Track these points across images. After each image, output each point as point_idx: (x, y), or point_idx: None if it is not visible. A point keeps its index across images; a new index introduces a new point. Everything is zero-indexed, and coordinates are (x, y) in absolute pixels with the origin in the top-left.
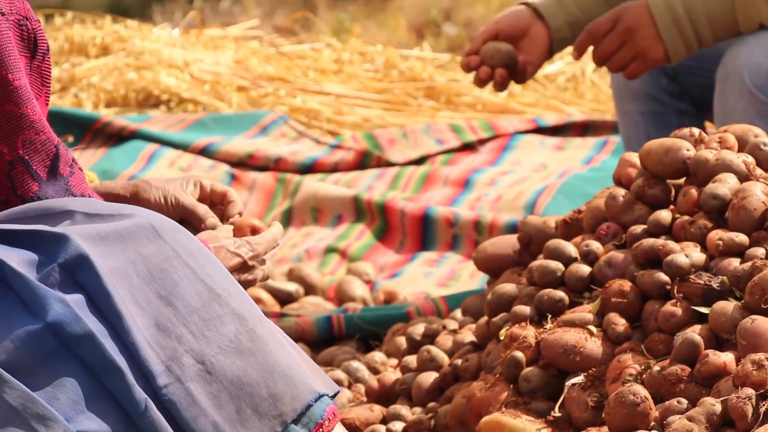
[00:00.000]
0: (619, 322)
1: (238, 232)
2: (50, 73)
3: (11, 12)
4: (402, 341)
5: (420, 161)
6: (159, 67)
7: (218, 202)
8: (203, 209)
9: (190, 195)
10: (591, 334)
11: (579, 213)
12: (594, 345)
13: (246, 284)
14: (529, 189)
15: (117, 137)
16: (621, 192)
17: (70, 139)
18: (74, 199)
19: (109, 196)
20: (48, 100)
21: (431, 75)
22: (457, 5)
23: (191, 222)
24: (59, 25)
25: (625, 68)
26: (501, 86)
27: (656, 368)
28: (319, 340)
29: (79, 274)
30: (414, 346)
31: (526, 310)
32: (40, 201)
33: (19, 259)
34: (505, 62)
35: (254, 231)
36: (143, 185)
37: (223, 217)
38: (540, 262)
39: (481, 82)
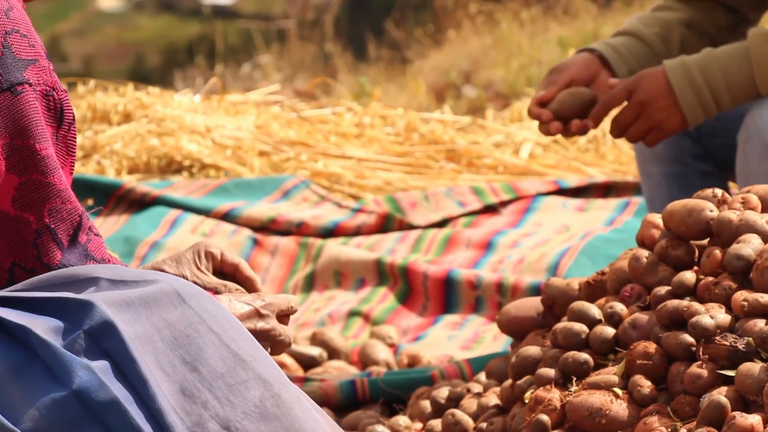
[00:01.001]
0: (645, 384)
1: None
2: (75, 142)
3: (38, 82)
4: (426, 405)
5: (442, 224)
6: (181, 133)
7: (229, 273)
8: (224, 288)
9: (205, 270)
10: (616, 396)
11: (602, 275)
12: (620, 407)
13: (262, 334)
14: (551, 251)
15: (140, 203)
16: (644, 253)
17: (90, 202)
18: (99, 265)
19: None
20: (73, 170)
21: (452, 138)
22: (477, 68)
23: None
24: (82, 93)
25: (642, 139)
26: (582, 132)
27: (683, 431)
28: (344, 405)
29: (105, 341)
30: (438, 410)
31: (550, 372)
32: (65, 268)
33: (45, 327)
34: (586, 107)
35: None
36: (160, 266)
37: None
38: (564, 324)
39: (549, 133)
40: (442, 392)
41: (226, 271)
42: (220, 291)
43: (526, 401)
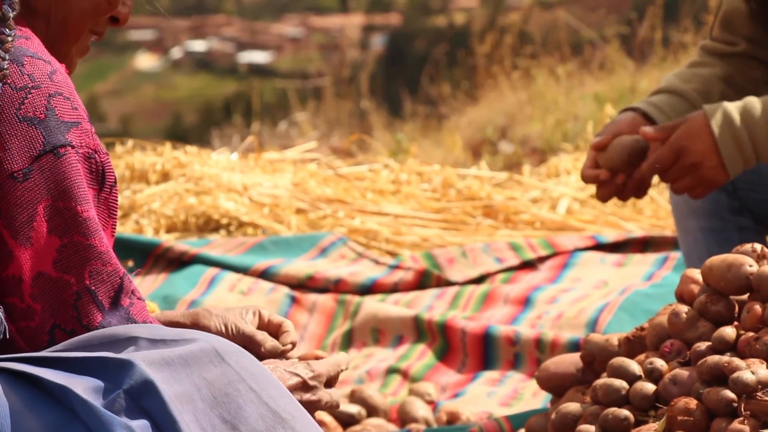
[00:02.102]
0: None
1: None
2: (117, 204)
3: (81, 145)
4: None
5: (480, 280)
6: (218, 192)
7: (274, 333)
8: (262, 335)
9: (250, 324)
10: None
11: (642, 330)
12: None
13: (309, 405)
14: (590, 306)
15: (178, 262)
16: (684, 309)
17: (130, 263)
18: (138, 325)
19: (170, 324)
20: (114, 231)
21: (489, 194)
22: (513, 123)
23: (251, 349)
24: (120, 153)
25: (689, 192)
26: (641, 191)
27: None
28: None
29: (145, 400)
30: None
31: (590, 429)
32: (105, 328)
33: (85, 387)
34: (638, 155)
35: (317, 360)
36: (203, 313)
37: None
38: (604, 380)
39: (604, 198)
40: None
41: (270, 330)
42: (257, 339)
43: None
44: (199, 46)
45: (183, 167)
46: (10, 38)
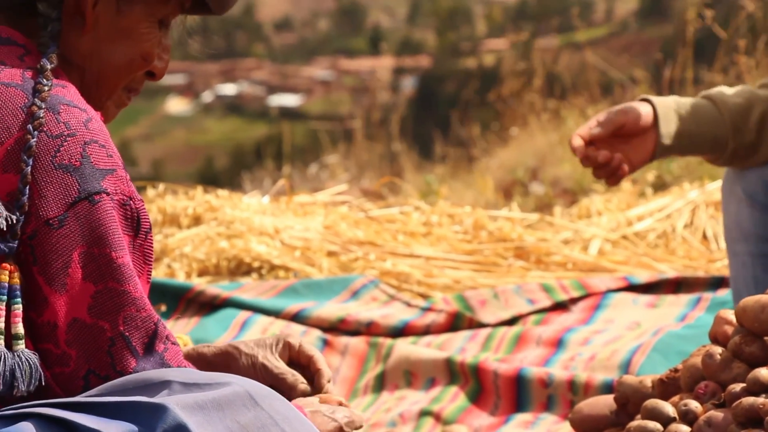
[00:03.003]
0: None
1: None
2: (152, 250)
3: (116, 192)
4: None
5: (512, 322)
6: (250, 235)
7: (305, 364)
8: (292, 377)
9: (279, 357)
10: None
11: (676, 372)
12: None
13: None
14: (623, 347)
15: (210, 306)
16: (718, 350)
17: (163, 308)
18: (171, 369)
19: (201, 362)
20: (149, 278)
21: (520, 235)
22: (544, 164)
23: (282, 388)
24: (152, 197)
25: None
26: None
27: None
28: None
29: None
30: None
31: None
32: (138, 373)
33: (119, 431)
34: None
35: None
36: (233, 352)
37: (313, 385)
38: (638, 422)
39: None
40: None
41: (301, 362)
42: (288, 382)
43: None
44: (229, 89)
45: (214, 211)
46: (46, 87)
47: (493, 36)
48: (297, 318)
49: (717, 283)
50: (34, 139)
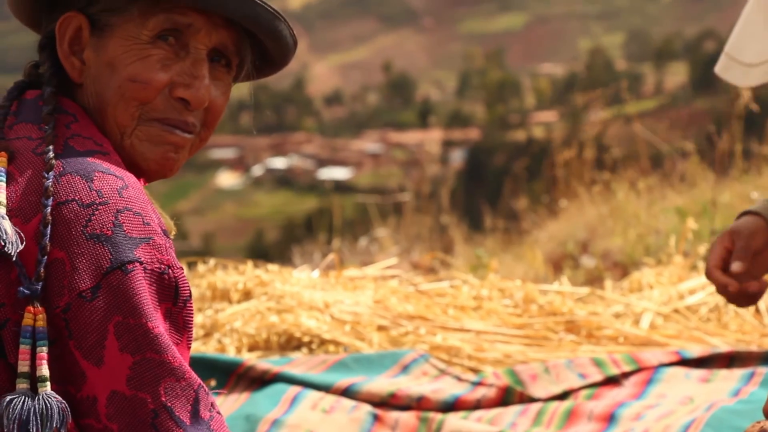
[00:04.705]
0: None
1: None
2: (192, 318)
3: (151, 261)
4: None
5: (563, 396)
6: (300, 310)
7: None
8: None
9: None
10: None
11: None
12: None
13: None
14: (675, 423)
15: (260, 381)
16: None
17: (213, 383)
18: None
19: None
20: (190, 345)
21: (571, 309)
22: (594, 237)
23: None
24: (202, 272)
25: None
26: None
27: None
28: None
29: None
30: None
31: None
32: None
33: None
34: None
35: None
36: None
37: None
38: None
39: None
40: None
41: None
42: None
43: None
44: (279, 163)
45: (265, 285)
46: (50, 155)
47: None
48: (347, 393)
49: None
50: (47, 209)
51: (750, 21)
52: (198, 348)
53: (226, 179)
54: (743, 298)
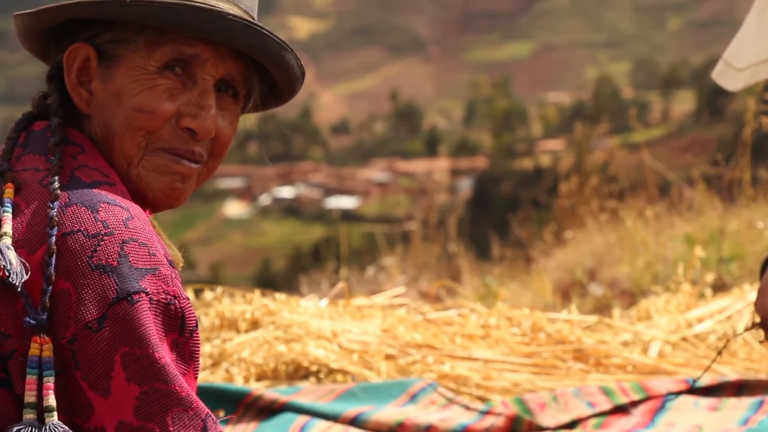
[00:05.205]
0: None
1: None
2: (199, 347)
3: (157, 291)
4: None
5: (572, 425)
6: (308, 339)
7: None
8: None
9: None
10: None
11: None
12: None
13: None
14: None
15: (268, 410)
16: None
17: (221, 413)
18: None
19: None
20: (197, 374)
21: (579, 337)
22: (602, 265)
23: None
24: (209, 300)
25: None
26: None
27: None
28: None
29: None
30: None
31: None
32: None
33: None
34: None
35: None
36: None
37: None
38: None
39: None
40: None
41: None
42: None
43: None
44: (287, 192)
45: (272, 315)
46: (55, 186)
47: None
48: (355, 422)
49: None
50: (52, 239)
51: (745, 26)
52: (206, 378)
53: (234, 209)
54: None
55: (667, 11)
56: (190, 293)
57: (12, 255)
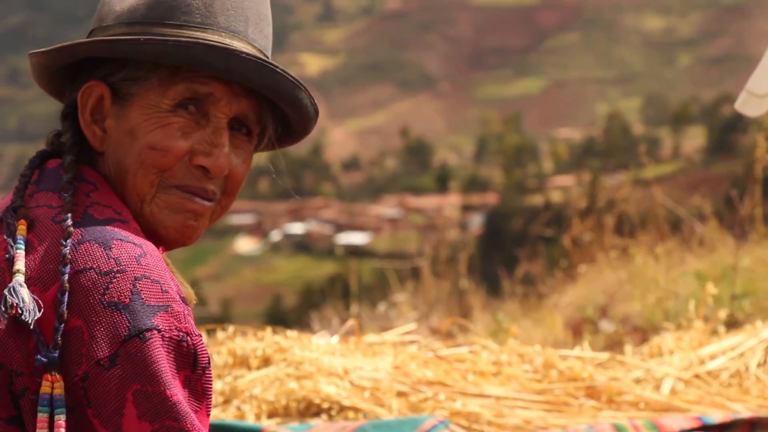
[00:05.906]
0: None
1: None
2: (211, 385)
3: (169, 329)
4: None
5: None
6: (319, 376)
7: None
8: None
9: None
10: None
11: None
12: None
13: None
14: None
15: None
16: None
17: None
18: None
19: None
20: (209, 412)
21: (591, 374)
22: (613, 301)
23: None
24: (221, 340)
25: None
26: None
27: None
28: None
29: None
30: None
31: None
32: None
33: None
34: None
35: None
36: None
37: None
38: None
39: None
40: None
41: None
42: None
43: None
44: (297, 228)
45: (284, 352)
46: (68, 222)
47: (560, 173)
48: None
49: None
50: (65, 276)
51: (766, 58)
52: (217, 415)
53: (245, 245)
54: None
55: (677, 48)
56: (201, 332)
57: (25, 292)
